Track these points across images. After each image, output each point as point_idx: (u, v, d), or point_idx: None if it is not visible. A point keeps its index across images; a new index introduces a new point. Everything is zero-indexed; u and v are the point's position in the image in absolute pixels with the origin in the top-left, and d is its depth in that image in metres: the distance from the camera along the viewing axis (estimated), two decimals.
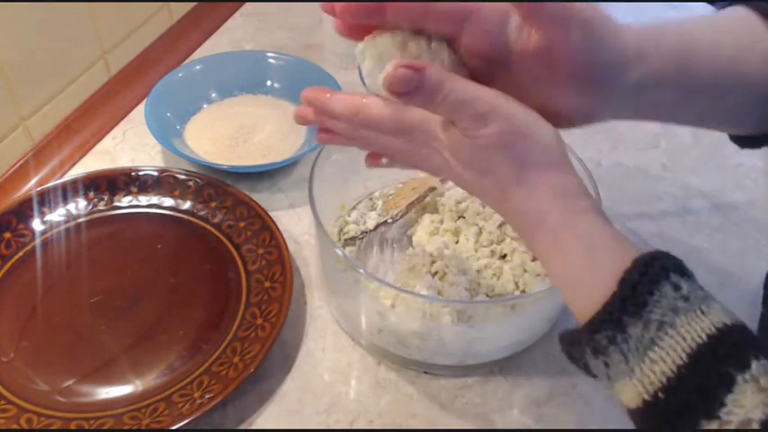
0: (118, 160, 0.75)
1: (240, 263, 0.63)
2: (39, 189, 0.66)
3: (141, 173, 0.69)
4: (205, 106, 0.80)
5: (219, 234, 0.66)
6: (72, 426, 0.51)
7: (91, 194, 0.68)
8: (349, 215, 0.66)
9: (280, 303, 0.58)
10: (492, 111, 0.38)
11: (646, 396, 0.34)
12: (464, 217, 0.63)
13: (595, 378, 0.38)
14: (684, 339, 0.33)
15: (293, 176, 0.74)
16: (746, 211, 0.72)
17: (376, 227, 0.64)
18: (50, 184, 0.67)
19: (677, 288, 0.34)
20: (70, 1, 0.73)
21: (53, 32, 0.72)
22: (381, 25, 0.40)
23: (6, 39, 0.66)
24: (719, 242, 0.69)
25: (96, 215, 0.67)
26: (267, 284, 0.60)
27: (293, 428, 0.53)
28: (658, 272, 0.34)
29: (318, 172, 0.57)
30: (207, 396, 0.52)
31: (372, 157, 0.46)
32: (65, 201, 0.67)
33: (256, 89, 0.82)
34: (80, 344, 0.57)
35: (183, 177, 0.69)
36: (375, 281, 0.53)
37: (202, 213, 0.67)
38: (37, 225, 0.65)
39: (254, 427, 0.53)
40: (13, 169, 0.71)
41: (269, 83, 0.82)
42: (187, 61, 0.85)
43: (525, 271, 0.59)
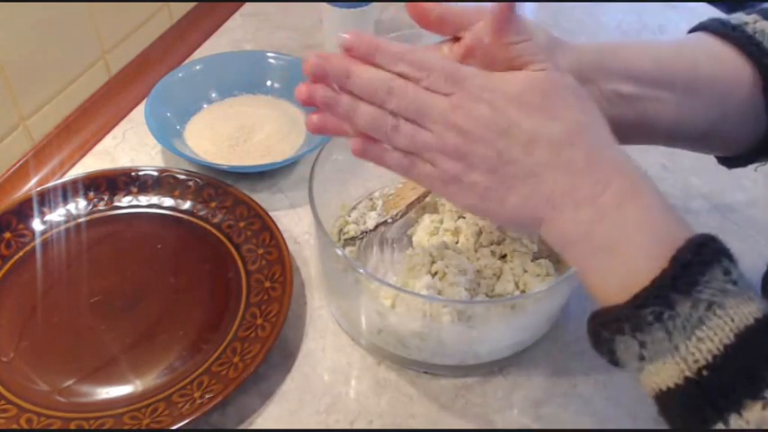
0: (118, 160, 0.75)
1: (240, 263, 0.63)
2: (39, 189, 0.66)
3: (141, 173, 0.69)
4: (205, 106, 0.80)
5: (219, 234, 0.66)
6: (72, 426, 0.51)
7: (91, 194, 0.68)
8: (349, 215, 0.66)
9: (280, 303, 0.58)
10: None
11: (688, 373, 0.34)
12: (464, 217, 0.63)
13: (616, 366, 0.38)
14: (733, 320, 0.34)
15: (293, 176, 0.74)
16: (746, 212, 0.72)
17: (376, 227, 0.64)
18: (50, 184, 0.67)
19: (727, 272, 0.35)
20: (70, 1, 0.73)
21: (53, 32, 0.72)
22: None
23: (6, 39, 0.66)
24: None
25: (96, 215, 0.67)
26: (267, 284, 0.60)
27: (293, 428, 0.53)
28: (711, 254, 0.35)
29: (318, 172, 0.57)
30: (207, 396, 0.52)
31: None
32: (65, 201, 0.67)
33: (256, 89, 0.82)
34: (80, 344, 0.57)
35: (183, 177, 0.69)
36: (375, 281, 0.53)
37: (202, 213, 0.67)
38: (37, 225, 0.65)
39: (254, 427, 0.53)
40: (13, 169, 0.71)
41: (269, 83, 0.82)
42: (187, 61, 0.85)
43: (525, 271, 0.59)
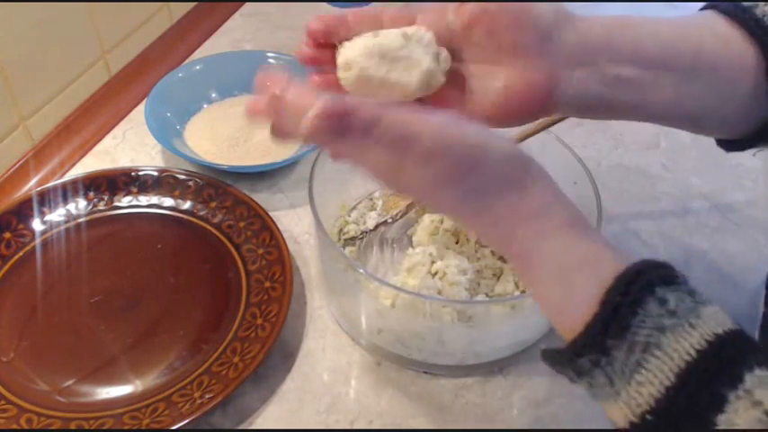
0: (118, 160, 0.75)
1: (240, 263, 0.63)
2: (39, 189, 0.66)
3: (141, 173, 0.69)
4: (205, 106, 0.80)
5: (219, 234, 0.66)
6: (72, 426, 0.51)
7: (91, 194, 0.68)
8: (349, 215, 0.66)
9: (280, 303, 0.58)
10: (436, 146, 0.36)
11: (633, 418, 0.32)
12: None
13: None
14: (672, 359, 0.32)
15: (293, 176, 0.74)
16: (746, 212, 0.72)
17: (376, 227, 0.64)
18: (50, 184, 0.67)
19: (663, 302, 0.32)
20: (70, 1, 0.73)
21: (53, 32, 0.72)
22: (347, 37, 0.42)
23: (6, 39, 0.66)
24: (719, 242, 0.69)
25: (96, 215, 0.67)
26: (267, 284, 0.60)
27: (293, 428, 0.53)
28: (642, 288, 0.33)
29: (318, 172, 0.57)
30: (207, 396, 0.52)
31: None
32: (65, 201, 0.67)
33: None
34: (80, 344, 0.57)
35: (183, 177, 0.69)
36: (375, 281, 0.53)
37: (202, 213, 0.67)
38: (37, 225, 0.65)
39: (254, 427, 0.53)
40: (13, 169, 0.71)
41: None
42: (187, 61, 0.85)
43: None
